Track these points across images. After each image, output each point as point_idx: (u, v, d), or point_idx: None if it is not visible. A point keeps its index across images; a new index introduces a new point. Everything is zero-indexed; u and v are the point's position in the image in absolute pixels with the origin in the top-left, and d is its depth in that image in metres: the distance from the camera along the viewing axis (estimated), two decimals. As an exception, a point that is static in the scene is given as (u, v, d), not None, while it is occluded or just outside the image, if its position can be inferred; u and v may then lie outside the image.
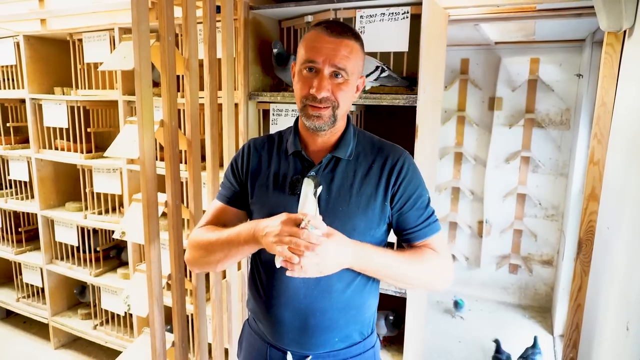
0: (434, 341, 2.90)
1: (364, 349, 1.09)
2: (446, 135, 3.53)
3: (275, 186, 1.06)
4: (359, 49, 1.01)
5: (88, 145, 2.53)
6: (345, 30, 0.98)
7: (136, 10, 1.31)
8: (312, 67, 0.97)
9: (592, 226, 1.81)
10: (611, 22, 1.42)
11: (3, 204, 2.85)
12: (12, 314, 3.21)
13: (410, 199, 1.04)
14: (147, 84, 1.37)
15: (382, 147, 1.09)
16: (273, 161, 1.09)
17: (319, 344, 1.04)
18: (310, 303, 1.02)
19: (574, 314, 1.93)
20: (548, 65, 3.17)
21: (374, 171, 1.04)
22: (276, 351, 1.07)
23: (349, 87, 1.00)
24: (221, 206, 1.14)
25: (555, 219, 3.32)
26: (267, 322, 1.07)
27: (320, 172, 1.04)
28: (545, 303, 3.42)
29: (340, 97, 0.99)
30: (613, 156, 1.60)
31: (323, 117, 0.99)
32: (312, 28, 1.02)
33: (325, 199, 1.01)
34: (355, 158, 1.06)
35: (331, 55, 0.95)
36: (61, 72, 2.73)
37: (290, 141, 1.09)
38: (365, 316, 1.09)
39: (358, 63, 1.01)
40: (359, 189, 1.02)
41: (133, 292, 1.64)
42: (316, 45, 0.97)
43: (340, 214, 1.00)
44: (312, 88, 0.97)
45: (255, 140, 1.17)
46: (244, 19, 1.85)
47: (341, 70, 0.96)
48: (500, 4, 1.87)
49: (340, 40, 0.96)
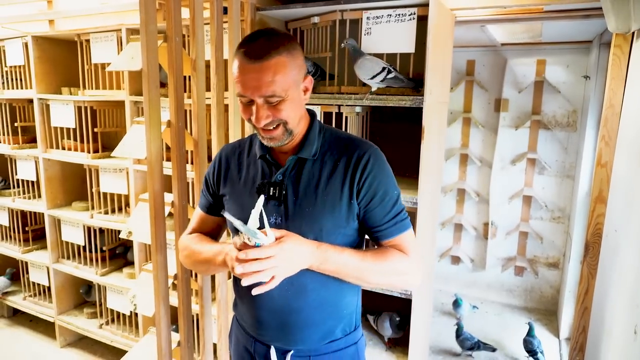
0: (439, 343, 2.89)
1: (346, 344, 1.11)
2: (452, 136, 3.52)
3: (245, 191, 1.08)
4: (287, 60, 0.94)
5: (95, 145, 2.55)
6: (265, 49, 0.91)
7: (144, 12, 1.31)
8: (244, 99, 0.96)
9: (600, 229, 1.80)
10: (619, 23, 1.41)
11: (11, 203, 2.88)
12: (18, 313, 3.23)
13: (375, 195, 1.02)
14: (154, 85, 1.37)
15: (348, 144, 1.06)
16: (243, 166, 1.11)
17: (298, 340, 1.06)
18: (285, 302, 1.04)
19: (581, 317, 1.92)
20: (555, 66, 3.15)
21: (339, 169, 1.03)
22: (260, 345, 1.11)
23: (288, 103, 0.96)
24: (202, 214, 1.20)
25: (562, 221, 3.30)
26: (249, 320, 1.11)
27: (286, 174, 1.04)
28: (551, 306, 3.40)
29: (285, 115, 0.96)
30: (621, 158, 1.59)
31: (276, 137, 0.99)
32: (237, 51, 0.96)
33: (292, 200, 1.02)
34: (320, 157, 1.05)
35: (256, 86, 0.92)
36: (69, 73, 2.75)
37: (257, 145, 1.09)
38: (345, 312, 1.10)
39: (290, 75, 0.94)
40: (325, 188, 1.02)
41: (139, 292, 1.65)
42: (241, 78, 0.93)
43: (306, 214, 1.01)
44: (252, 116, 0.96)
45: (227, 147, 1.19)
46: (250, 20, 1.85)
47: (272, 96, 0.93)
48: (507, 5, 1.87)
49: (260, 64, 0.91)
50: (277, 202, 1.02)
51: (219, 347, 1.83)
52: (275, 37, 0.94)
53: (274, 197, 1.02)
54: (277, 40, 0.94)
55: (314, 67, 1.85)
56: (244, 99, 0.96)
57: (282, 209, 1.02)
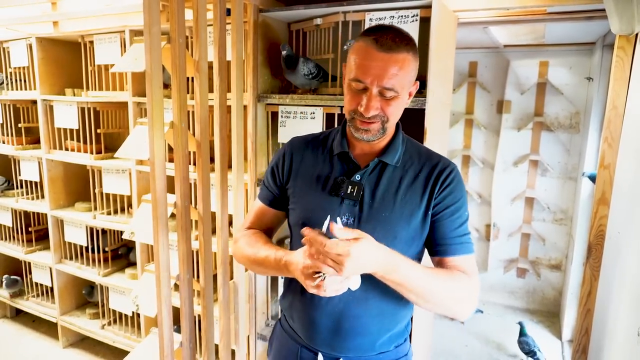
0: (440, 344, 2.89)
1: (395, 357, 1.09)
2: (454, 138, 3.52)
3: (317, 187, 1.05)
4: (412, 59, 0.94)
5: (98, 146, 2.55)
6: (397, 42, 0.91)
7: (148, 13, 1.32)
8: (360, 85, 0.94)
9: (602, 230, 1.79)
10: (623, 25, 1.41)
11: (14, 204, 2.89)
12: (21, 313, 3.24)
13: (447, 208, 1.00)
14: (157, 86, 1.38)
15: (430, 157, 1.06)
16: (317, 162, 1.09)
17: (350, 347, 1.04)
18: (344, 307, 1.02)
19: (584, 319, 1.91)
20: (557, 68, 3.15)
21: (420, 179, 1.02)
22: (308, 352, 1.08)
23: (399, 102, 0.96)
24: (262, 207, 1.17)
25: (564, 223, 3.29)
26: (301, 321, 1.08)
27: (365, 175, 1.02)
28: (554, 308, 3.39)
29: (390, 112, 0.96)
30: (624, 160, 1.59)
31: (371, 131, 0.98)
32: (362, 37, 0.95)
33: (369, 203, 1.00)
34: (402, 165, 1.04)
35: (380, 75, 0.91)
36: (72, 74, 2.76)
37: (337, 142, 1.07)
38: (399, 325, 1.08)
39: (410, 74, 0.95)
40: (404, 196, 1.00)
41: (142, 292, 1.65)
42: (364, 63, 0.92)
43: (382, 220, 0.99)
44: (360, 106, 0.94)
45: (298, 140, 1.16)
46: (253, 22, 1.86)
47: (390, 90, 0.92)
48: (510, 7, 1.86)
49: (390, 56, 0.90)
50: (353, 202, 1.01)
51: (220, 348, 1.83)
52: (405, 34, 0.95)
53: (351, 196, 1.00)
54: (407, 37, 0.94)
55: (317, 68, 1.85)
56: (359, 84, 0.94)
57: (357, 210, 1.00)
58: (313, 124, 1.85)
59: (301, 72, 1.82)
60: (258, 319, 2.10)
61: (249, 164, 1.96)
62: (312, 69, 1.83)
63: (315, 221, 0.98)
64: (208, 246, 1.63)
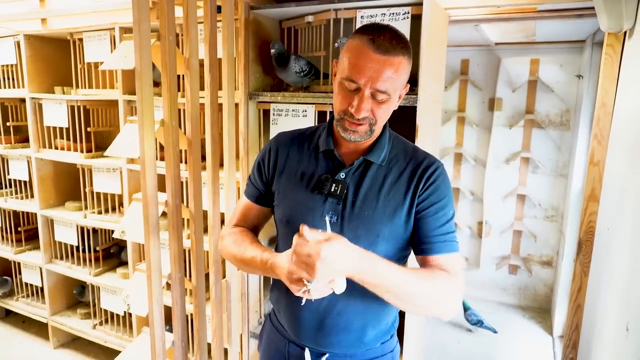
0: (433, 340, 2.90)
1: (382, 352, 1.09)
2: (446, 135, 3.53)
3: (301, 184, 1.05)
4: (406, 63, 0.93)
5: (88, 144, 2.53)
6: (394, 44, 0.90)
7: (137, 10, 1.30)
8: (352, 85, 0.93)
9: (592, 227, 1.81)
10: (612, 23, 1.43)
11: (3, 204, 2.85)
12: (11, 314, 3.20)
13: (432, 206, 0.99)
14: (147, 84, 1.36)
15: (415, 154, 1.06)
16: (302, 158, 1.08)
17: (335, 343, 1.04)
18: (328, 304, 1.02)
19: (574, 314, 1.93)
20: (548, 66, 3.17)
21: (404, 177, 1.01)
22: (295, 347, 1.09)
23: (389, 105, 0.96)
24: (248, 203, 1.17)
25: (555, 219, 3.32)
26: (287, 317, 1.09)
27: (350, 174, 1.02)
28: (545, 304, 3.42)
29: (379, 115, 0.95)
30: (613, 157, 1.60)
31: (359, 132, 0.97)
32: (358, 35, 0.93)
33: (351, 201, 1.00)
34: (387, 163, 1.03)
35: (374, 77, 0.89)
36: (61, 72, 2.73)
37: (323, 139, 1.07)
38: (384, 322, 1.08)
39: (403, 78, 0.94)
40: (387, 194, 1.00)
41: (133, 292, 1.64)
42: (359, 64, 0.90)
43: (365, 218, 0.99)
44: (351, 107, 0.93)
45: (283, 135, 1.15)
46: (244, 19, 1.85)
47: (383, 93, 0.91)
48: (501, 4, 1.87)
49: (386, 58, 0.89)
50: (336, 200, 1.00)
51: (213, 347, 1.82)
52: (401, 35, 0.93)
53: (335, 194, 1.00)
54: (403, 39, 0.93)
55: (308, 66, 1.84)
56: (351, 84, 0.92)
57: (340, 208, 1.00)
58: (305, 122, 1.85)
59: (293, 69, 1.81)
60: (251, 317, 2.09)
61: (241, 162, 1.95)
62: (304, 66, 1.82)
63: (299, 219, 0.99)
64: (200, 245, 1.62)
